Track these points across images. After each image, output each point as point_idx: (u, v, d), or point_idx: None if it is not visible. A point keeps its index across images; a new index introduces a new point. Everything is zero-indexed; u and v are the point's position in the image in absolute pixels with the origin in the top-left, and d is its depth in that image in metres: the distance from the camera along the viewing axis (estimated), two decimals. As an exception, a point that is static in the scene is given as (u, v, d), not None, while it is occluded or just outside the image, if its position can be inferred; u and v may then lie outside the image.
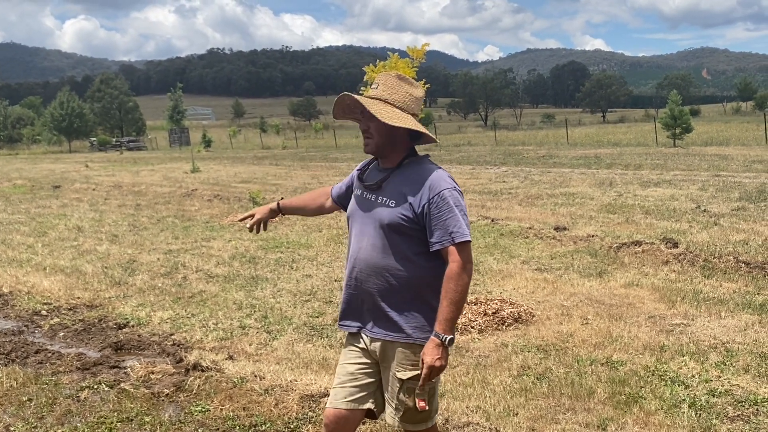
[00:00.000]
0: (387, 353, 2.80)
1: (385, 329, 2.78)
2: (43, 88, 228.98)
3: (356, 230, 2.85)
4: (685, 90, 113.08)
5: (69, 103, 71.86)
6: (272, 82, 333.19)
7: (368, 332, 2.83)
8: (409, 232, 2.71)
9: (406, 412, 2.78)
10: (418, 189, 2.71)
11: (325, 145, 51.69)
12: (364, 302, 2.82)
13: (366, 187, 2.87)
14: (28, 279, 8.39)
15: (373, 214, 2.78)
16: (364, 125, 2.78)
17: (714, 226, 10.19)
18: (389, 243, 2.73)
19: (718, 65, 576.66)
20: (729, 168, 19.03)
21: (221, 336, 6.01)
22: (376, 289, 2.77)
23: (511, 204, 13.76)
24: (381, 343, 2.80)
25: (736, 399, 4.34)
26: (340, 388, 2.87)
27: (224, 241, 10.73)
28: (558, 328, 5.88)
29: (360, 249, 2.80)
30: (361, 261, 2.79)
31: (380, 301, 2.76)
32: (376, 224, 2.76)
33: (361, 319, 2.85)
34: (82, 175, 26.72)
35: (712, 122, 58.15)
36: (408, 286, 2.73)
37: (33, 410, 4.48)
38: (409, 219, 2.70)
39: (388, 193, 2.77)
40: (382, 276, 2.75)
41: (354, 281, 2.83)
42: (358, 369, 2.87)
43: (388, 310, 2.76)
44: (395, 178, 2.79)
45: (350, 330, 2.91)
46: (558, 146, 35.14)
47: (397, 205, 2.72)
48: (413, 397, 2.73)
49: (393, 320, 2.76)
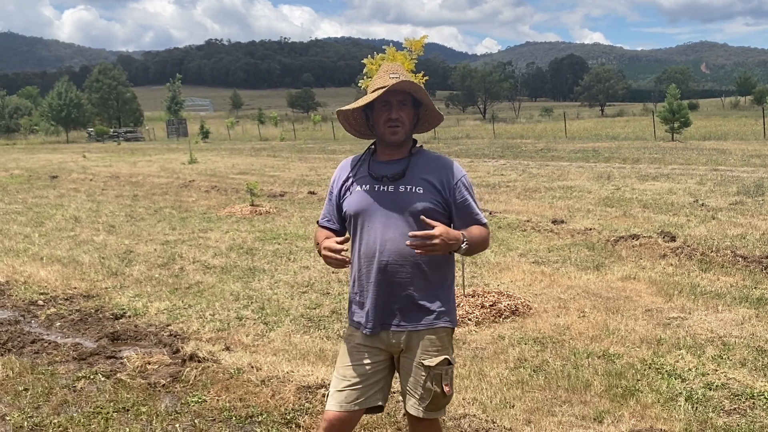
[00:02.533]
0: (412, 343, 2.79)
1: (413, 320, 2.77)
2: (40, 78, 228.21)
3: (379, 223, 2.77)
4: (684, 84, 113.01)
5: (67, 94, 71.61)
6: (270, 74, 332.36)
7: (395, 327, 2.78)
8: (438, 217, 2.75)
9: (432, 400, 2.78)
10: (440, 175, 2.81)
11: (323, 137, 51.62)
12: (392, 297, 2.76)
13: (383, 178, 2.80)
14: (24, 269, 8.38)
15: (400, 203, 2.75)
16: (395, 114, 2.76)
17: (712, 220, 10.20)
18: (419, 230, 2.68)
19: (717, 60, 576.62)
20: (727, 162, 19.03)
21: (218, 327, 6.01)
22: (409, 279, 2.75)
23: (509, 197, 13.75)
24: (406, 334, 2.78)
25: (733, 392, 4.34)
26: (350, 391, 2.80)
27: (221, 232, 10.72)
28: (555, 321, 5.89)
29: (387, 240, 2.74)
30: (391, 252, 2.73)
31: (412, 290, 2.76)
32: (404, 213, 2.74)
33: (389, 317, 2.79)
34: (80, 166, 26.67)
35: (711, 117, 58.13)
36: (438, 270, 2.79)
37: (29, 400, 4.48)
38: (439, 203, 2.79)
39: (412, 180, 2.78)
40: (416, 264, 2.74)
41: (381, 275, 2.75)
42: (369, 369, 2.82)
43: (418, 298, 2.77)
44: (414, 166, 2.81)
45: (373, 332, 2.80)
46: (556, 140, 35.13)
47: (426, 190, 2.77)
48: (441, 384, 2.76)
49: (424, 307, 2.77)
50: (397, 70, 2.82)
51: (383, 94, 2.72)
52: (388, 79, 2.75)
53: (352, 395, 2.79)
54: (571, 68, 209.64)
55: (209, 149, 37.94)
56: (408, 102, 2.80)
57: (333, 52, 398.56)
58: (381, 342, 2.82)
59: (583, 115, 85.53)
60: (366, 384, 2.81)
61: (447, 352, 2.81)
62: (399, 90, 2.74)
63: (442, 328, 2.80)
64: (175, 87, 68.00)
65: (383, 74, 2.81)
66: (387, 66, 2.88)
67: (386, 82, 2.74)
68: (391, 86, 2.69)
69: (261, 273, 7.98)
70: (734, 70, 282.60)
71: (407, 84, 2.72)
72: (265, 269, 8.17)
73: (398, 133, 2.78)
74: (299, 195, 15.07)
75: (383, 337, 2.81)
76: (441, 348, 2.79)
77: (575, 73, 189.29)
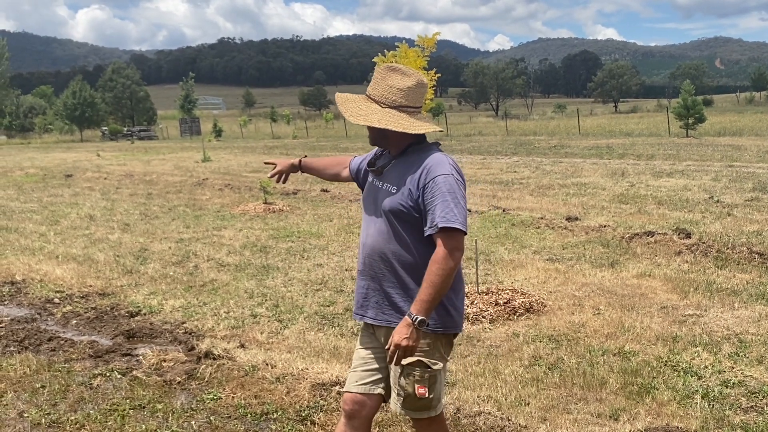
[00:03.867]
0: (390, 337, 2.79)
1: (389, 316, 2.80)
2: (54, 77, 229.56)
3: (366, 216, 2.93)
4: (698, 80, 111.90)
5: (81, 93, 71.94)
6: (283, 72, 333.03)
7: (372, 320, 2.87)
8: (409, 219, 2.74)
9: (406, 399, 2.75)
10: (415, 175, 2.73)
11: (336, 135, 51.65)
12: (371, 289, 2.86)
13: (372, 172, 2.95)
14: (40, 267, 8.44)
15: (378, 200, 2.84)
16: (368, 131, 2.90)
17: (727, 217, 10.12)
18: (392, 229, 2.77)
19: (732, 55, 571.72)
20: (742, 158, 18.89)
21: (233, 324, 6.03)
22: (382, 275, 2.81)
23: (522, 194, 13.71)
24: (385, 329, 2.82)
25: (750, 390, 4.31)
26: (352, 372, 2.94)
27: (235, 230, 10.75)
28: (570, 318, 5.86)
29: (368, 235, 2.86)
30: (368, 247, 2.85)
31: (386, 287, 2.80)
32: (380, 211, 2.81)
33: (368, 308, 2.88)
34: (94, 164, 26.82)
35: (726, 112, 57.66)
36: (412, 272, 2.76)
37: (46, 397, 4.51)
38: (408, 206, 2.71)
39: (390, 179, 2.83)
40: (387, 261, 2.79)
41: (363, 266, 2.89)
42: (368, 354, 2.92)
43: (393, 296, 2.80)
44: (397, 165, 2.84)
45: (362, 320, 2.95)
46: (569, 136, 34.98)
47: (398, 191, 2.76)
48: (413, 383, 2.71)
49: (398, 305, 2.78)
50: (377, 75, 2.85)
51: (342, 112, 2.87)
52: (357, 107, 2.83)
53: (353, 377, 2.91)
54: (584, 64, 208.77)
55: (222, 147, 38.05)
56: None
57: (345, 50, 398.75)
58: (372, 330, 2.92)
59: (597, 112, 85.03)
60: (365, 369, 2.90)
61: (426, 354, 2.72)
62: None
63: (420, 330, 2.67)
64: (189, 86, 68.26)
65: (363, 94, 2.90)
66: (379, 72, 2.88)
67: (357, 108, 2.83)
68: (348, 119, 2.82)
69: (275, 271, 8.00)
70: (749, 66, 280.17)
71: (360, 121, 2.77)
72: (278, 267, 8.19)
73: (369, 137, 2.90)
74: (312, 193, 15.08)
75: (371, 328, 2.91)
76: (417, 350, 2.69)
77: (588, 70, 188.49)
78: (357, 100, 2.86)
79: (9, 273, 8.18)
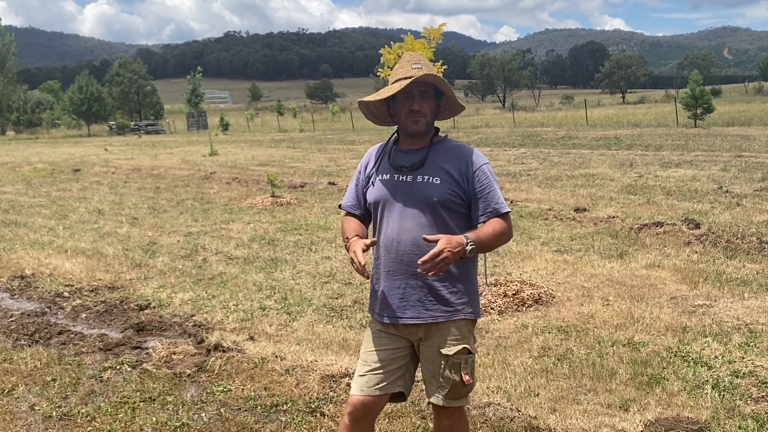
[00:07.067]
0: (431, 332, 2.78)
1: (434, 311, 2.75)
2: (62, 72, 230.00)
3: (396, 213, 2.78)
4: (706, 70, 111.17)
5: (88, 87, 72.08)
6: (289, 65, 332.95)
7: (414, 320, 2.77)
8: (455, 207, 2.76)
9: (452, 389, 2.77)
10: (459, 165, 2.78)
11: (342, 128, 51.61)
12: (410, 287, 2.76)
13: (402, 168, 2.81)
14: (50, 261, 8.47)
15: (417, 193, 2.75)
16: (417, 105, 2.75)
17: (736, 207, 10.07)
18: (435, 220, 2.73)
19: (740, 44, 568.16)
20: (751, 148, 18.78)
21: (242, 317, 6.04)
22: None
23: (530, 186, 13.68)
24: (426, 325, 2.77)
25: (760, 380, 4.29)
26: (371, 375, 2.80)
27: (243, 224, 10.77)
28: (579, 310, 5.85)
29: (403, 230, 2.75)
30: (406, 243, 2.74)
31: (431, 280, 2.73)
32: (421, 203, 2.74)
33: (405, 308, 2.77)
34: (102, 159, 26.89)
35: (734, 102, 57.34)
36: (461, 261, 2.70)
37: (57, 390, 4.53)
38: (457, 194, 2.76)
39: (430, 170, 2.78)
40: None
41: (396, 265, 2.77)
42: (390, 354, 2.82)
43: (439, 288, 2.75)
44: (434, 156, 2.81)
45: (392, 322, 2.82)
46: (577, 127, 34.84)
47: (443, 181, 2.75)
48: (459, 371, 2.75)
49: (444, 298, 2.75)
50: (419, 60, 2.80)
51: (407, 86, 2.70)
52: (411, 69, 2.74)
53: (373, 380, 2.80)
54: (592, 55, 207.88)
55: (229, 141, 38.09)
56: (430, 93, 2.79)
57: (351, 43, 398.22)
58: (399, 330, 2.82)
59: (604, 103, 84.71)
60: (387, 370, 2.81)
61: (467, 341, 2.79)
62: (422, 81, 2.73)
63: (462, 319, 2.79)
64: (196, 80, 68.28)
65: (405, 64, 2.79)
66: (408, 55, 2.85)
67: (409, 72, 2.72)
68: (415, 78, 2.69)
69: (283, 263, 8.01)
70: (757, 55, 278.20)
71: (431, 76, 2.71)
72: (287, 260, 8.20)
73: (420, 123, 2.79)
74: (319, 186, 15.09)
75: (401, 327, 2.81)
76: (461, 338, 2.77)
77: (596, 60, 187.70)
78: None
79: (19, 267, 8.22)
